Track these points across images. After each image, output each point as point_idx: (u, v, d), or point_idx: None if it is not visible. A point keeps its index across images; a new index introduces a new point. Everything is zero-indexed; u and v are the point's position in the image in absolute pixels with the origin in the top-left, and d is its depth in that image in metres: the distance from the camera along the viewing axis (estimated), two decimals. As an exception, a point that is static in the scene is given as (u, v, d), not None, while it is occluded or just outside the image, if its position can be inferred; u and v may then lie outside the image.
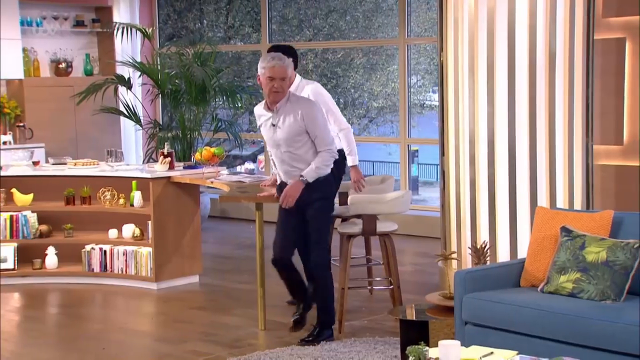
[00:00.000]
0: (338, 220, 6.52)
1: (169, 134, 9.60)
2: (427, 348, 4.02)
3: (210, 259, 8.25)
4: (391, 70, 11.89)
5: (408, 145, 10.24)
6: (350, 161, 6.35)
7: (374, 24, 12.35)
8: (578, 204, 5.90)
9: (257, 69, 5.56)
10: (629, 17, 6.38)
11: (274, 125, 5.59)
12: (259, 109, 5.75)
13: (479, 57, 6.15)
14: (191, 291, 7.36)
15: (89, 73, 10.83)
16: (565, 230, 4.85)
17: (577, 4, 6.01)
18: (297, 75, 6.29)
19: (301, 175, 5.55)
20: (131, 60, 9.93)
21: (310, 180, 5.55)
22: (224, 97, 9.97)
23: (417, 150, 11.97)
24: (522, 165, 5.94)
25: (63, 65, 10.72)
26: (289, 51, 6.14)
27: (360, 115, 13.73)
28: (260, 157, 12.08)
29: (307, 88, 6.25)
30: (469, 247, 5.60)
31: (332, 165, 5.66)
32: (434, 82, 11.34)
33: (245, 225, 9.67)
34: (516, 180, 5.93)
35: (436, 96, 6.81)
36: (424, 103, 12.46)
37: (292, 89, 5.89)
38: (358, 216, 6.19)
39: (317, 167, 5.56)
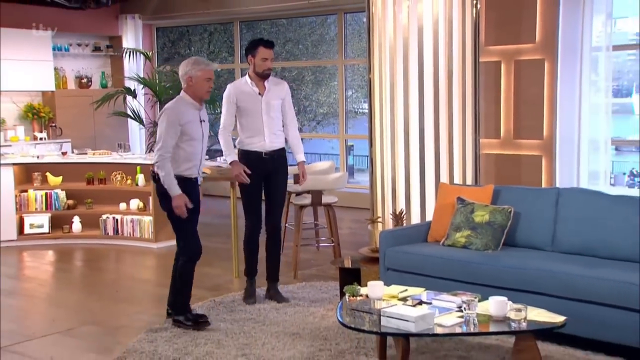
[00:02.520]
0: (293, 195, 6.53)
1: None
2: (359, 287, 4.07)
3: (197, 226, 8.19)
4: (333, 85, 11.91)
5: (345, 141, 10.27)
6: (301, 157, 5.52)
7: (320, 50, 12.39)
8: (469, 181, 5.95)
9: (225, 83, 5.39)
10: (503, 46, 6.46)
11: (202, 121, 4.79)
12: (183, 110, 4.67)
13: (397, 74, 6.15)
14: (182, 250, 7.32)
15: (104, 86, 10.83)
16: (460, 200, 4.93)
17: (467, 36, 6.04)
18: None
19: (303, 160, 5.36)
20: (136, 76, 9.91)
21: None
22: (206, 104, 9.96)
23: (352, 145, 12.02)
24: (429, 153, 5.97)
25: (85, 80, 10.77)
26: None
27: (310, 118, 13.75)
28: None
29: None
30: (390, 214, 5.64)
31: None
32: (364, 94, 11.39)
33: (223, 200, 9.62)
34: (425, 164, 5.95)
35: (366, 105, 6.85)
36: (357, 110, 12.51)
37: (274, 80, 5.29)
38: (308, 191, 6.21)
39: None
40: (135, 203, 7.53)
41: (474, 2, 6.04)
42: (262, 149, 5.19)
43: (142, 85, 9.99)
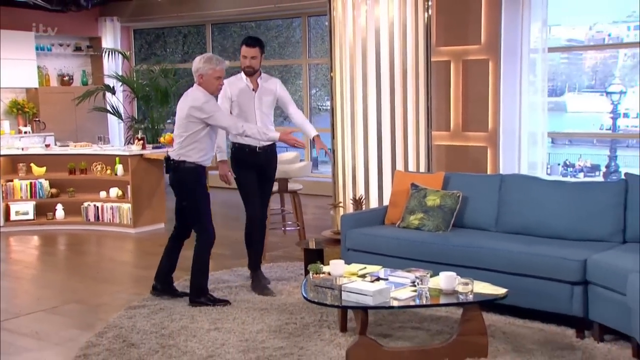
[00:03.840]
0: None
1: (142, 125, 9.47)
2: (322, 265, 4.07)
3: (172, 213, 7.99)
4: (298, 83, 11.87)
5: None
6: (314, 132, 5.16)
7: (286, 52, 12.33)
8: (422, 169, 5.99)
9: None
10: (452, 47, 6.50)
11: None
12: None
13: (356, 72, 6.15)
14: (158, 234, 7.23)
15: (85, 83, 10.67)
16: (414, 186, 4.95)
17: (420, 37, 6.06)
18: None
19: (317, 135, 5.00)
20: (115, 74, 9.79)
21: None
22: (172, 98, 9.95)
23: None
24: (386, 144, 5.99)
25: (66, 78, 10.61)
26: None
27: (277, 114, 13.67)
28: (170, 148, 11.99)
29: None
30: (350, 199, 5.65)
31: None
32: (327, 92, 11.40)
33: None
34: (382, 154, 5.97)
35: (329, 102, 6.85)
36: (321, 107, 12.51)
37: (265, 77, 5.04)
38: (275, 180, 6.17)
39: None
40: (114, 191, 7.42)
41: (426, 7, 6.07)
42: (256, 143, 4.94)
43: (120, 83, 9.85)
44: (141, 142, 7.30)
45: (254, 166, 4.99)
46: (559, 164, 14.37)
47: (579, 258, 3.87)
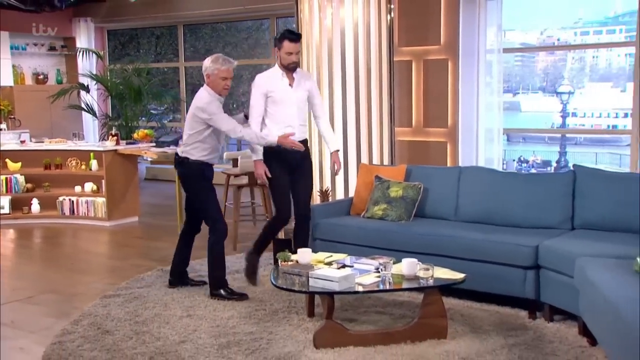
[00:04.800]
0: (232, 177, 6.44)
1: (116, 123, 9.33)
2: (290, 254, 4.07)
3: (146, 206, 8.01)
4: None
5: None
6: (335, 146, 4.82)
7: (256, 53, 12.30)
8: (386, 162, 6.03)
9: (178, 81, 5.13)
10: (414, 47, 6.53)
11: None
12: (218, 103, 4.40)
13: (323, 71, 6.14)
14: (133, 227, 7.15)
15: (59, 82, 10.46)
16: (378, 178, 4.97)
17: (383, 38, 6.09)
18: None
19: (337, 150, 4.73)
20: (89, 73, 9.64)
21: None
22: (153, 98, 9.80)
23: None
24: (351, 139, 6.00)
25: (41, 76, 10.40)
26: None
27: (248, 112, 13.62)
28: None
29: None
30: (317, 191, 5.65)
31: None
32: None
33: (170, 184, 9.45)
34: (347, 148, 5.99)
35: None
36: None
37: (301, 73, 4.67)
38: (245, 173, 6.14)
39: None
40: (89, 186, 7.30)
41: (389, 9, 6.10)
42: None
43: (95, 82, 9.70)
44: (115, 138, 7.20)
45: (288, 165, 4.57)
46: (514, 160, 14.61)
47: (531, 244, 3.93)
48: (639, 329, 2.55)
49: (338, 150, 4.76)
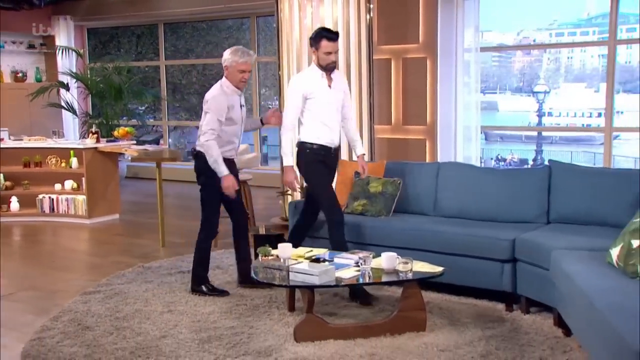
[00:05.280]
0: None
1: (96, 121, 9.23)
2: (270, 248, 4.06)
3: (127, 204, 7.96)
4: (248, 83, 11.83)
5: (260, 130, 10.14)
6: (361, 150, 4.58)
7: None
8: (366, 158, 6.01)
9: (159, 80, 5.03)
10: (393, 45, 6.54)
11: (242, 105, 4.42)
12: (227, 96, 4.27)
13: (303, 69, 6.17)
14: (113, 224, 7.09)
15: (39, 80, 10.29)
16: (357, 174, 4.98)
17: (362, 37, 6.12)
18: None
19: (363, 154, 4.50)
20: (69, 72, 9.51)
21: None
22: (133, 97, 9.71)
23: (266, 136, 11.96)
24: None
25: (20, 74, 10.21)
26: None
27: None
28: (162, 140, 11.73)
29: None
30: (298, 188, 5.65)
31: None
32: (275, 92, 11.41)
33: (150, 182, 9.38)
34: (327, 146, 6.03)
35: (277, 101, 6.85)
36: (270, 106, 12.49)
37: (338, 73, 4.39)
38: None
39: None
40: (69, 184, 7.23)
41: (368, 8, 6.12)
42: (331, 143, 4.32)
43: (75, 80, 9.59)
44: (95, 135, 7.13)
45: (328, 168, 4.35)
46: (491, 158, 14.77)
47: (508, 238, 3.97)
48: (611, 318, 2.59)
49: (364, 154, 4.53)
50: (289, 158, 4.34)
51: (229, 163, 4.37)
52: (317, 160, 4.27)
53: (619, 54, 6.16)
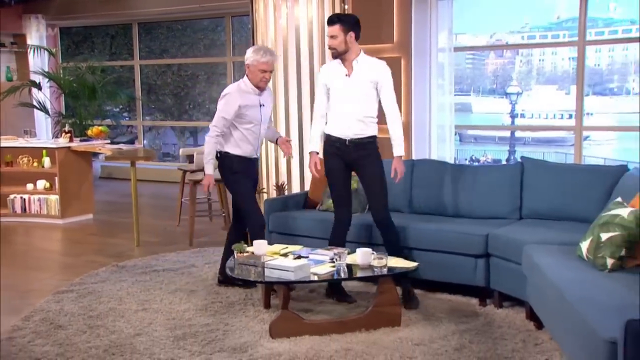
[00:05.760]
0: (188, 172, 6.38)
1: (70, 121, 9.10)
2: (245, 245, 4.05)
3: (101, 204, 7.86)
4: (223, 83, 11.77)
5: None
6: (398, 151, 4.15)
7: (211, 53, 12.24)
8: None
9: (133, 80, 4.91)
10: (367, 45, 6.26)
11: (262, 105, 4.29)
12: (242, 94, 4.20)
13: (278, 69, 6.16)
14: (87, 224, 6.99)
15: (9, 79, 10.05)
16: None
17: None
18: (362, 50, 4.12)
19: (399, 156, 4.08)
20: (41, 71, 9.36)
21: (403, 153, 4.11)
22: (107, 97, 9.59)
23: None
24: (307, 135, 6.05)
25: (-10, 73, 9.98)
26: (353, 18, 4.13)
27: (204, 112, 13.56)
28: (136, 142, 11.63)
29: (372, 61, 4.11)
30: (273, 185, 5.65)
31: None
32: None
33: (125, 182, 9.28)
34: (303, 144, 6.03)
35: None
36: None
37: (365, 60, 4.06)
38: (201, 169, 6.08)
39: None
40: (42, 183, 7.09)
41: (342, 8, 6.14)
42: (343, 135, 4.03)
43: (47, 79, 9.44)
44: (68, 135, 7.03)
45: (344, 162, 4.08)
46: (465, 159, 14.93)
47: (481, 233, 4.02)
48: (581, 309, 2.63)
49: (401, 156, 4.09)
50: (312, 144, 4.16)
51: (248, 162, 4.32)
52: (328, 153, 4.10)
53: (588, 57, 6.27)
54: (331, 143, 4.09)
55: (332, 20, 4.01)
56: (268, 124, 4.46)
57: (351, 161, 4.06)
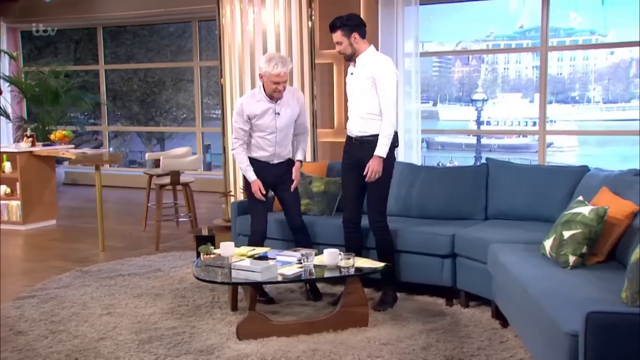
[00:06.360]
0: (154, 177, 6.31)
1: (32, 125, 8.91)
2: (212, 247, 4.01)
3: (64, 210, 7.71)
4: (191, 89, 11.70)
5: (203, 139, 10.00)
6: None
7: (178, 59, 12.18)
8: (309, 159, 6.06)
9: (99, 87, 4.75)
10: (335, 50, 6.59)
11: (277, 113, 4.12)
12: (252, 104, 4.09)
13: (245, 73, 6.16)
14: (50, 230, 6.84)
15: (-34, 83, 9.81)
16: (300, 173, 4.98)
17: (304, 40, 6.16)
18: (371, 46, 4.03)
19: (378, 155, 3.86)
20: (2, 75, 9.15)
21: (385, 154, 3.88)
22: (73, 102, 9.43)
23: (209, 144, 11.85)
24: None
25: (-53, 76, 9.69)
26: (353, 19, 4.01)
27: (172, 119, 13.46)
28: (102, 148, 11.45)
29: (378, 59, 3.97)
30: (240, 188, 5.62)
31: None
32: (218, 101, 11.38)
33: (89, 188, 9.11)
34: (270, 149, 6.03)
35: (219, 111, 6.83)
36: (212, 115, 12.43)
37: (366, 57, 3.94)
38: (167, 173, 6.04)
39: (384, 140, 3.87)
40: (2, 189, 6.91)
41: (309, 13, 6.17)
42: (351, 133, 4.03)
43: (8, 83, 9.24)
44: (30, 139, 6.87)
45: (351, 161, 4.03)
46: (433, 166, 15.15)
47: (447, 233, 4.06)
48: (543, 303, 2.68)
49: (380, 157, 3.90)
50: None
51: (265, 166, 4.20)
52: (345, 151, 4.09)
53: (550, 66, 6.41)
54: (346, 141, 4.09)
55: (332, 27, 3.97)
56: (300, 131, 4.30)
57: (357, 160, 3.98)
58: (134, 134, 14.20)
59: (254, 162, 4.19)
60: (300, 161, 4.26)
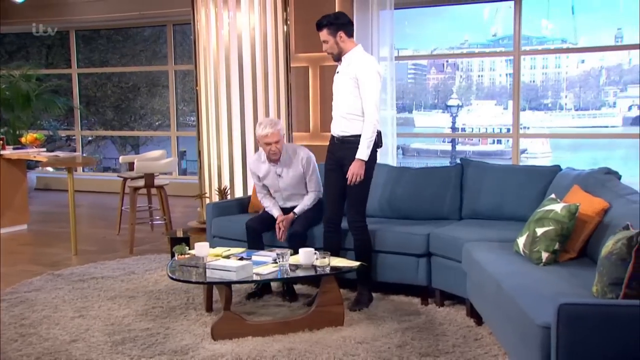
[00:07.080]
0: (128, 180, 6.24)
1: (2, 129, 8.75)
2: (187, 247, 3.99)
3: (36, 214, 7.58)
4: (165, 95, 11.63)
5: (178, 145, 9.91)
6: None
7: (154, 63, 12.09)
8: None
9: (72, 92, 4.68)
10: (310, 54, 6.62)
11: (279, 175, 4.31)
12: (257, 165, 4.38)
13: (220, 77, 6.11)
14: (21, 234, 6.71)
15: None
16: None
17: (280, 45, 6.16)
18: (359, 45, 3.98)
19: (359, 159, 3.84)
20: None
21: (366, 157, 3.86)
22: (45, 106, 9.30)
23: (185, 151, 11.78)
24: (250, 143, 6.02)
25: None
26: (340, 18, 3.95)
27: (146, 125, 13.36)
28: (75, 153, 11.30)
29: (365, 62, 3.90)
30: (215, 190, 5.58)
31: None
32: (194, 107, 11.35)
33: (62, 193, 8.98)
34: (246, 151, 6.00)
35: (194, 118, 6.79)
36: (188, 122, 12.37)
37: (351, 56, 3.91)
38: (141, 176, 5.98)
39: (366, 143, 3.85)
40: (-29, 193, 6.79)
41: (284, 17, 6.18)
42: (334, 132, 4.03)
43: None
44: (0, 142, 6.75)
45: (333, 159, 4.04)
46: (408, 172, 15.26)
47: (422, 233, 4.08)
48: (516, 298, 2.70)
49: (362, 161, 3.88)
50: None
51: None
52: (328, 150, 4.09)
53: (523, 74, 6.51)
54: (330, 141, 4.10)
55: (319, 26, 3.94)
56: (312, 188, 4.40)
57: (338, 159, 3.99)
58: (109, 140, 14.05)
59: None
60: (295, 213, 4.34)
